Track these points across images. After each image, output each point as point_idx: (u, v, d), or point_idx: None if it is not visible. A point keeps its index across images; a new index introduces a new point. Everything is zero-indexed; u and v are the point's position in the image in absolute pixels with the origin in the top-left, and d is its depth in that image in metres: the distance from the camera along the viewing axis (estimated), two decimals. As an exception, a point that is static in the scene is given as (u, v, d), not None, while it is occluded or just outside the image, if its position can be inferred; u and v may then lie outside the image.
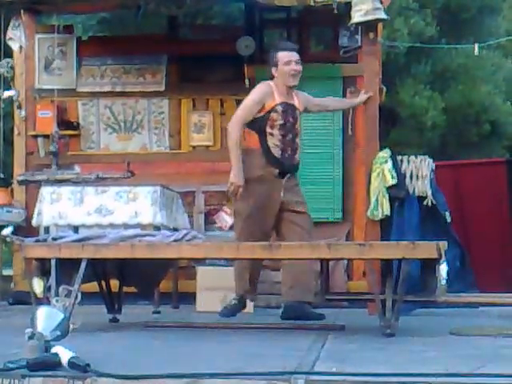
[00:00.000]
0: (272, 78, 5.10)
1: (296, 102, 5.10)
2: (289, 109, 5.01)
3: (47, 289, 4.48)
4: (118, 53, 7.51)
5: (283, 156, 5.00)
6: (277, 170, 4.99)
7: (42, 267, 4.51)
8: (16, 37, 7.23)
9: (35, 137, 7.34)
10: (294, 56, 5.06)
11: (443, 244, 4.11)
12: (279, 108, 4.96)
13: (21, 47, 7.27)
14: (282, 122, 4.97)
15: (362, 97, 5.91)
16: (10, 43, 7.28)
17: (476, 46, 6.91)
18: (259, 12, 7.76)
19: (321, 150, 7.16)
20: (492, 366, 2.95)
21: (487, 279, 6.65)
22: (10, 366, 2.85)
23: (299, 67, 5.04)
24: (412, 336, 4.23)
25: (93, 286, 4.89)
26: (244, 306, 5.26)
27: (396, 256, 4.20)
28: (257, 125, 4.99)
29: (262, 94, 4.99)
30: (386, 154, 6.24)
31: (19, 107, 7.30)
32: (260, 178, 4.98)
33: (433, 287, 4.19)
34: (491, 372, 2.78)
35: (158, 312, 5.94)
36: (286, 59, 5.03)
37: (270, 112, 4.95)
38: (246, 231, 5.02)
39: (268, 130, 4.96)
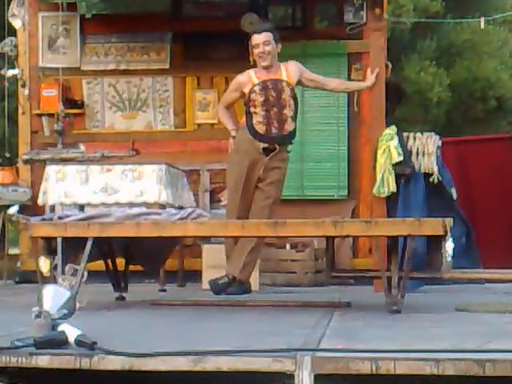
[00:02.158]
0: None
1: (283, 75, 5.33)
2: (270, 84, 5.29)
3: (54, 267, 4.49)
4: (122, 31, 7.47)
5: (268, 130, 5.28)
6: (262, 145, 5.29)
7: (49, 246, 4.52)
8: (20, 14, 7.21)
9: (40, 115, 7.34)
10: (262, 37, 5.30)
11: (449, 221, 4.10)
12: (257, 88, 5.28)
13: (23, 24, 7.25)
14: (262, 98, 5.26)
15: (371, 79, 5.83)
16: (12, 20, 7.27)
17: (482, 20, 6.87)
18: (263, -12, 7.70)
19: (325, 127, 7.14)
20: (498, 342, 2.95)
21: (492, 256, 6.64)
22: (18, 344, 2.86)
23: (267, 48, 5.29)
24: (418, 313, 4.24)
25: (99, 265, 4.90)
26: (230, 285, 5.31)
27: (402, 233, 4.20)
28: (245, 109, 5.38)
29: (236, 85, 5.44)
30: (392, 130, 6.22)
31: (23, 86, 7.30)
32: (246, 151, 5.33)
33: (438, 264, 4.19)
34: (497, 348, 2.78)
35: (164, 290, 5.96)
36: (254, 42, 5.34)
37: (249, 95, 5.28)
38: (232, 203, 5.40)
39: (252, 110, 5.30)
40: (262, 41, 5.28)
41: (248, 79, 5.34)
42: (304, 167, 7.10)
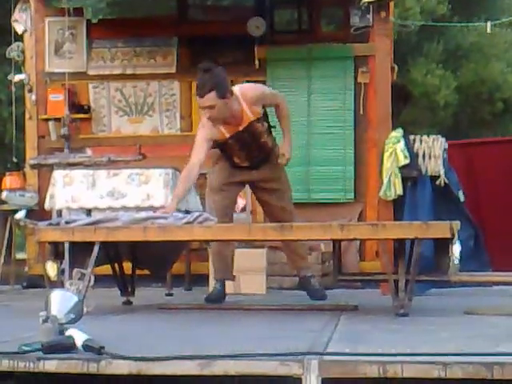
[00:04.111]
0: None
1: (248, 114, 4.90)
2: (242, 133, 4.94)
3: (61, 272, 4.50)
4: (129, 35, 7.49)
5: (250, 161, 5.13)
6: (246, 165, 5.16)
7: (56, 251, 4.53)
8: (22, 19, 7.24)
9: (46, 120, 7.36)
10: (204, 102, 4.74)
11: (456, 224, 4.09)
12: (231, 141, 4.98)
13: (25, 30, 7.28)
14: (238, 146, 5.02)
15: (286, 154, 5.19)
16: (15, 25, 7.29)
17: (488, 23, 6.88)
18: (269, -8, 7.71)
19: (332, 130, 7.13)
20: (506, 345, 2.94)
21: (501, 259, 6.62)
22: (25, 348, 2.86)
23: (213, 111, 4.75)
24: (425, 316, 4.23)
25: (106, 269, 4.91)
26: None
27: (409, 236, 4.19)
28: (219, 147, 5.11)
29: (207, 135, 4.95)
30: (398, 133, 6.22)
31: (30, 91, 7.32)
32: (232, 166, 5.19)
33: (446, 267, 4.18)
34: (506, 351, 2.77)
35: (171, 294, 5.96)
36: (199, 105, 4.89)
37: (223, 145, 5.05)
38: (219, 203, 5.25)
39: (229, 152, 5.10)
40: (204, 106, 4.77)
41: (217, 132, 4.94)
42: (310, 170, 7.09)
